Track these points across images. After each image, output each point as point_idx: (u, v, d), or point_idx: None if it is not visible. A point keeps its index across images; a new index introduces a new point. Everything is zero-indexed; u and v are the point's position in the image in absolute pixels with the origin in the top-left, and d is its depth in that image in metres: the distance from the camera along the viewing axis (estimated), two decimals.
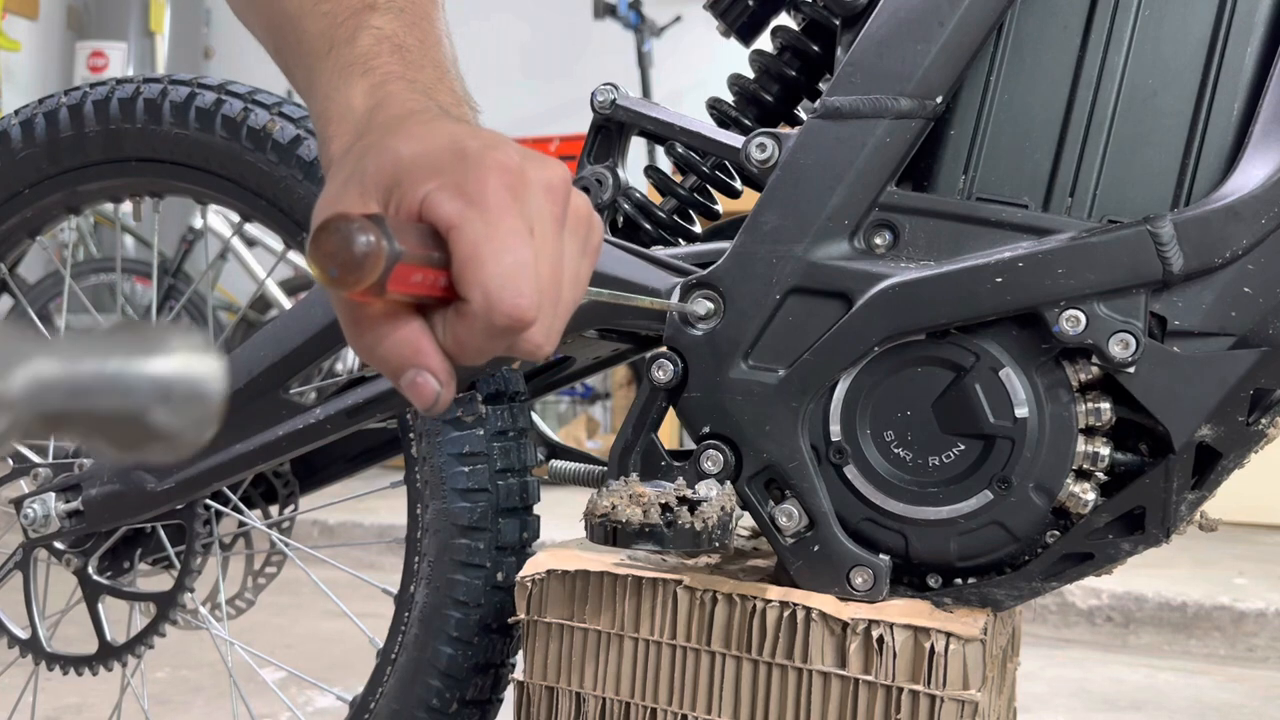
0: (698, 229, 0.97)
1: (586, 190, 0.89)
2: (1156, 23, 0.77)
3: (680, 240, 0.96)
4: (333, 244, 0.45)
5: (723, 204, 0.98)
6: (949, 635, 0.74)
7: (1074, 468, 0.76)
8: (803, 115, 0.95)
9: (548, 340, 0.52)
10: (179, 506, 1.01)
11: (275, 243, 3.46)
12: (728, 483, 0.81)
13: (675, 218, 0.95)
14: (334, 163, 0.56)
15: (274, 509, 1.19)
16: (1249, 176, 0.73)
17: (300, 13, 0.63)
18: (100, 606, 1.08)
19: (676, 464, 0.83)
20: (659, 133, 0.88)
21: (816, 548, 0.79)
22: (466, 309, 0.49)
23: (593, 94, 0.89)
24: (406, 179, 0.50)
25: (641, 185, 1.01)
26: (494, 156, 0.51)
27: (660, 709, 0.82)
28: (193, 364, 0.38)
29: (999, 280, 0.74)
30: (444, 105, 0.58)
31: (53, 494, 1.03)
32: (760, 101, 0.93)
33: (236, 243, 3.66)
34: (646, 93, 4.09)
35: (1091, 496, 0.76)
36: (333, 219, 0.45)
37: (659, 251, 0.88)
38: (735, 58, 1.00)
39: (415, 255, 0.47)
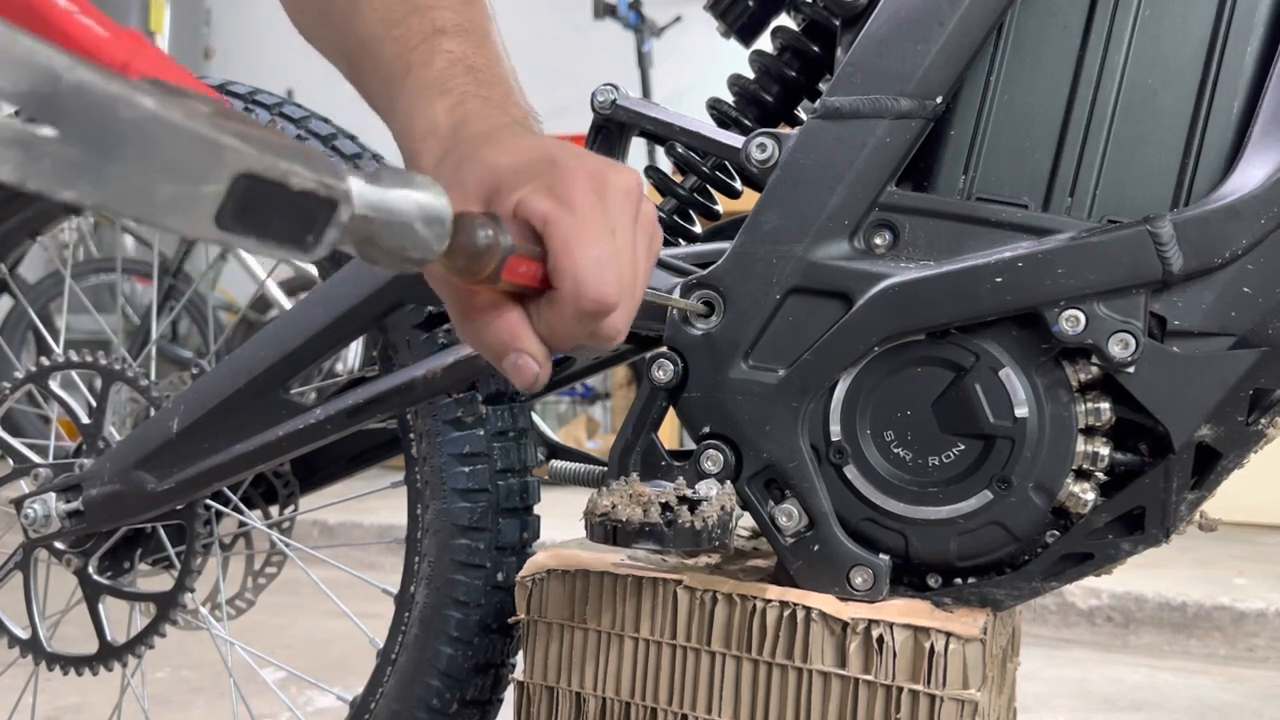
0: (698, 229, 0.97)
1: None
2: (1156, 22, 0.77)
3: (680, 240, 0.96)
4: (460, 239, 0.52)
5: (723, 204, 0.98)
6: (949, 635, 0.74)
7: (1074, 468, 0.76)
8: (803, 115, 0.95)
9: (625, 326, 0.59)
10: (179, 507, 1.01)
11: None
12: (728, 483, 0.81)
13: (675, 218, 0.95)
14: (427, 173, 0.61)
15: (274, 509, 1.19)
16: (1249, 176, 0.73)
17: (372, 38, 0.69)
18: (100, 606, 1.09)
19: (676, 464, 0.83)
20: (659, 133, 0.88)
21: (816, 547, 0.79)
22: (558, 296, 0.56)
23: (593, 94, 0.89)
24: (505, 185, 0.57)
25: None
26: (581, 164, 0.58)
27: (660, 709, 0.82)
28: (436, 196, 0.50)
29: (999, 280, 0.74)
30: (517, 119, 0.64)
31: (53, 494, 1.03)
32: (760, 102, 0.93)
33: None
34: (646, 93, 4.09)
35: (1091, 496, 0.76)
36: (459, 217, 0.52)
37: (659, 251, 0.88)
38: (735, 58, 1.00)
39: (522, 248, 0.55)
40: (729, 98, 0.94)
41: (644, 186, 0.62)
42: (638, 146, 0.95)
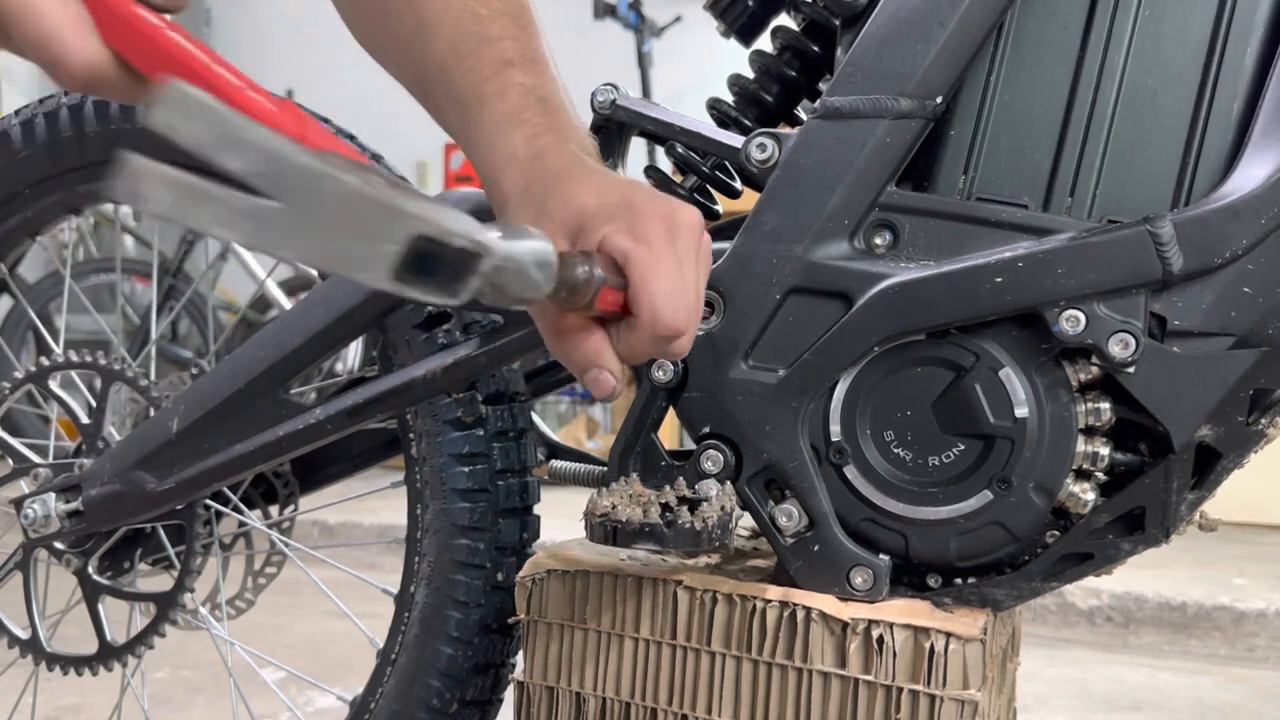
0: None
1: None
2: (1156, 22, 0.77)
3: None
4: (562, 274, 0.59)
5: (723, 204, 0.98)
6: (949, 635, 0.74)
7: (1074, 468, 0.76)
8: (803, 115, 0.95)
9: (690, 344, 0.69)
10: (179, 507, 1.01)
11: None
12: (728, 483, 0.81)
13: None
14: (510, 200, 0.70)
15: (274, 509, 1.19)
16: (1249, 176, 0.73)
17: (443, 66, 0.73)
18: (100, 606, 1.08)
19: (676, 464, 0.83)
20: (659, 133, 0.88)
21: (816, 548, 0.79)
22: (638, 323, 0.65)
23: (593, 94, 0.89)
24: (589, 223, 0.66)
25: None
26: (654, 207, 0.66)
27: (660, 709, 0.82)
28: (546, 244, 0.57)
29: (999, 280, 0.74)
30: (580, 144, 0.72)
31: (53, 494, 1.03)
32: (760, 102, 0.93)
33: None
34: (646, 93, 4.09)
35: (1091, 496, 0.76)
36: (562, 256, 0.60)
37: None
38: (735, 58, 1.00)
39: (610, 280, 0.63)
40: (729, 98, 0.94)
41: (702, 219, 0.70)
42: (638, 146, 0.95)
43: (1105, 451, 0.75)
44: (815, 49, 0.90)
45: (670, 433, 3.30)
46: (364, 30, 0.79)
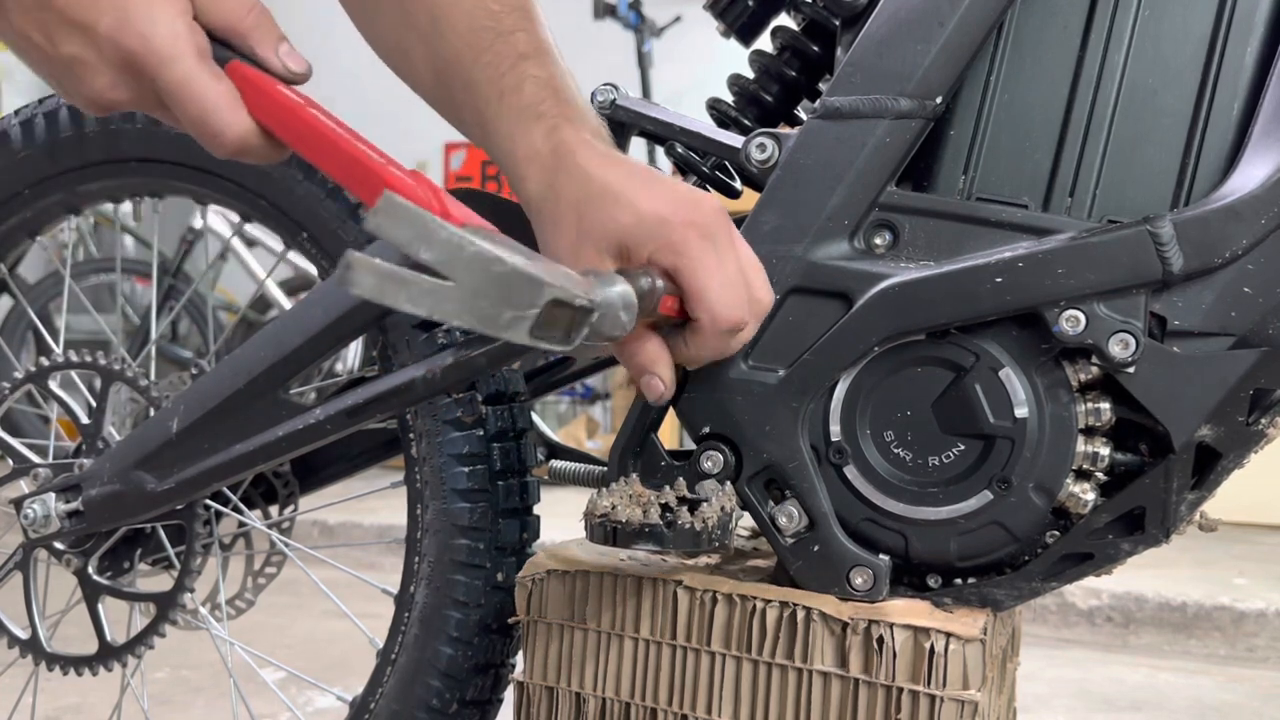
0: None
1: None
2: (1156, 22, 0.77)
3: None
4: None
5: (723, 204, 0.98)
6: (949, 635, 0.74)
7: (1074, 468, 0.76)
8: (803, 115, 0.95)
9: (754, 330, 0.76)
10: (179, 507, 1.01)
11: (275, 243, 3.46)
12: (728, 483, 0.81)
13: None
14: (535, 201, 0.73)
15: (274, 509, 1.19)
16: (1249, 176, 0.73)
17: (460, 61, 0.75)
18: (100, 607, 1.08)
19: (676, 464, 0.83)
20: (659, 133, 0.88)
21: (816, 548, 0.79)
22: (700, 326, 0.72)
23: (593, 94, 0.89)
24: (630, 242, 0.71)
25: None
26: (684, 216, 0.71)
27: (660, 709, 0.82)
28: (628, 290, 0.65)
29: (999, 280, 0.74)
30: (596, 133, 0.74)
31: (53, 494, 1.03)
32: (760, 102, 0.93)
33: (236, 243, 3.66)
34: (646, 93, 4.09)
35: (1091, 496, 0.76)
36: (626, 272, 0.67)
37: None
38: (735, 58, 1.00)
39: (668, 289, 0.70)
40: (729, 98, 0.94)
41: (722, 205, 0.74)
42: (638, 146, 0.95)
43: (1105, 451, 0.75)
44: (815, 49, 0.90)
45: (670, 433, 3.30)
46: (376, 30, 0.79)
